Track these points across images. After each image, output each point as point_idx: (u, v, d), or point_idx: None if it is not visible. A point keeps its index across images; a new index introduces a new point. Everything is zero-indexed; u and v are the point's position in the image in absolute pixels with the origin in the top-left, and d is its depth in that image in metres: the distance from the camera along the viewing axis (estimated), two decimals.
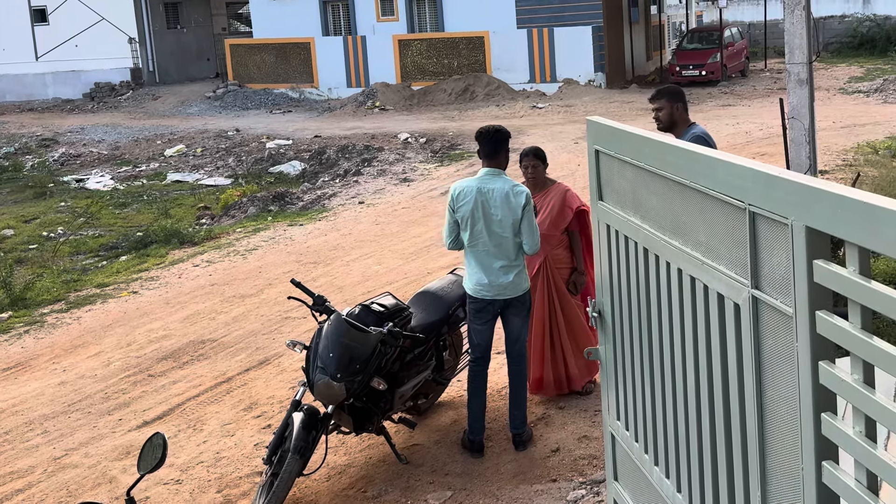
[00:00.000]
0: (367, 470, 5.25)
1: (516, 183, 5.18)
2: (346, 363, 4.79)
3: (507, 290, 5.13)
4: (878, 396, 1.83)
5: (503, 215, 5.02)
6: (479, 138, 5.23)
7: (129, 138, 21.70)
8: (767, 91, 22.54)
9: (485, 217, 5.04)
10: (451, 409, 5.87)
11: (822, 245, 2.01)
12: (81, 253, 12.25)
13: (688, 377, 2.76)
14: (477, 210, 5.04)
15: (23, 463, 5.79)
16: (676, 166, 2.63)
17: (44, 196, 16.64)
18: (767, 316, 2.26)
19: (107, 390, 6.88)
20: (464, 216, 5.06)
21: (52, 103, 28.77)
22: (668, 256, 2.78)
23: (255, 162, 18.07)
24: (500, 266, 5.09)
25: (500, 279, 5.09)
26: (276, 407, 6.20)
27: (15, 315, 9.10)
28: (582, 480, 4.93)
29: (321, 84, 26.91)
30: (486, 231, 5.05)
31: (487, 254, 5.08)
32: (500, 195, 5.03)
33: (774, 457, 2.31)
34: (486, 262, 5.09)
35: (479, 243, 5.09)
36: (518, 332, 5.26)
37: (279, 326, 7.95)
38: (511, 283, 5.11)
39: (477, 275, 5.13)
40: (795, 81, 6.33)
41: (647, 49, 29.05)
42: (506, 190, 5.05)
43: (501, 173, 5.15)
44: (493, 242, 5.06)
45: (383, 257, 10.08)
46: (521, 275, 5.18)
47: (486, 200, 5.03)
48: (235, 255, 10.83)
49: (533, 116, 21.06)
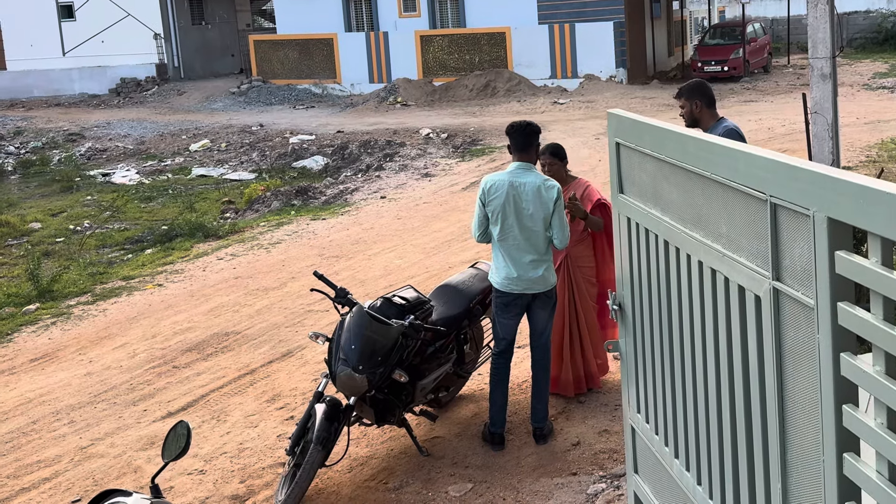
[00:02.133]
0: (388, 462, 5.29)
1: (547, 177, 5.22)
2: (367, 355, 4.83)
3: (536, 285, 5.15)
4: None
5: (534, 209, 5.05)
6: (510, 132, 5.24)
7: (155, 133, 21.90)
8: (790, 87, 22.35)
9: (516, 211, 5.06)
10: (472, 403, 5.89)
11: (843, 236, 2.01)
12: (107, 246, 12.39)
13: (708, 370, 2.76)
14: (508, 204, 5.05)
15: (50, 452, 5.87)
16: (697, 158, 2.64)
17: (70, 190, 16.83)
18: (788, 308, 2.26)
19: (132, 381, 6.97)
20: (495, 210, 5.08)
21: (79, 98, 29.08)
22: (689, 249, 2.78)
23: (278, 157, 18.18)
24: (530, 260, 5.11)
25: (530, 273, 5.11)
26: (299, 399, 6.25)
27: (42, 307, 9.22)
28: (602, 474, 4.93)
29: (344, 80, 27.00)
30: (517, 225, 5.07)
31: (518, 248, 5.10)
32: (532, 189, 5.06)
33: (795, 449, 2.31)
34: (516, 256, 5.11)
35: (509, 237, 5.10)
36: (544, 326, 5.28)
37: (302, 319, 8.01)
38: (540, 277, 5.14)
39: (506, 269, 5.14)
40: (818, 76, 6.29)
41: (668, 45, 28.88)
42: (538, 184, 5.08)
43: (532, 167, 5.19)
44: (524, 236, 5.08)
45: (405, 251, 10.12)
46: (549, 269, 5.21)
47: (518, 194, 5.05)
48: (259, 249, 10.92)
49: (554, 112, 21.01)
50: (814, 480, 2.20)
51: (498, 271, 5.19)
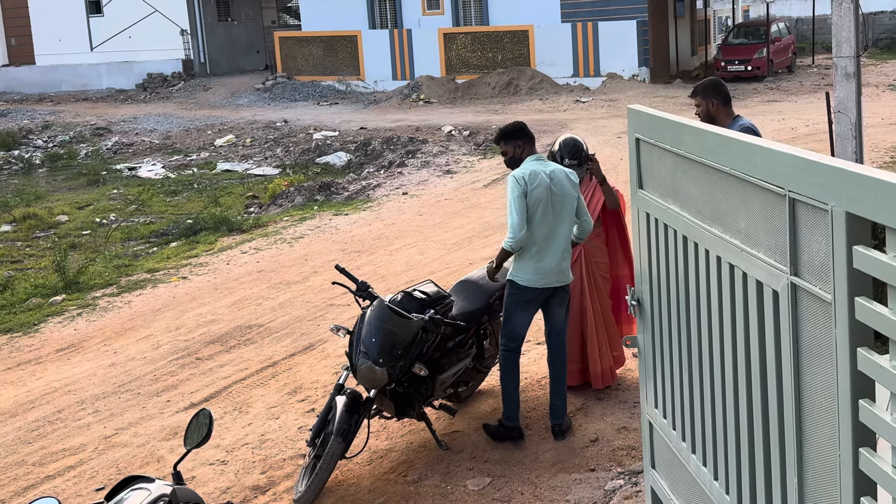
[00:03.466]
0: (407, 455, 5.33)
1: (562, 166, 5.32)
2: (388, 348, 4.87)
3: (563, 276, 5.21)
4: None
5: (566, 195, 5.11)
6: (514, 134, 5.25)
7: (181, 128, 22.09)
8: (814, 87, 22.16)
9: (552, 200, 5.09)
10: (491, 398, 5.92)
11: (862, 231, 2.01)
12: (133, 239, 12.54)
13: (726, 365, 2.77)
14: (547, 193, 5.08)
15: (75, 441, 5.97)
16: (716, 153, 2.65)
17: (97, 183, 17.03)
18: (806, 303, 2.27)
19: (156, 372, 7.06)
20: (538, 199, 5.05)
21: (106, 93, 29.37)
22: (708, 244, 2.79)
23: (302, 153, 18.29)
24: (562, 251, 5.16)
25: (561, 264, 5.17)
26: (320, 391, 6.31)
27: (68, 298, 9.35)
28: (620, 470, 4.94)
29: (367, 77, 27.09)
30: (552, 214, 5.10)
31: (551, 238, 5.11)
32: (561, 175, 5.14)
33: (811, 444, 2.32)
34: (548, 248, 5.12)
35: (543, 228, 5.10)
36: (562, 323, 5.31)
37: (324, 313, 8.07)
38: (566, 268, 5.22)
39: (537, 262, 5.12)
40: (842, 75, 6.25)
41: (692, 44, 28.72)
42: (563, 170, 5.19)
43: (545, 158, 5.29)
44: (557, 226, 5.11)
45: (426, 247, 10.16)
46: (569, 261, 5.27)
47: (553, 182, 5.10)
48: (282, 243, 11.00)
49: (576, 111, 20.96)
50: (830, 475, 2.21)
51: (525, 267, 5.14)
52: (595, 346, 5.73)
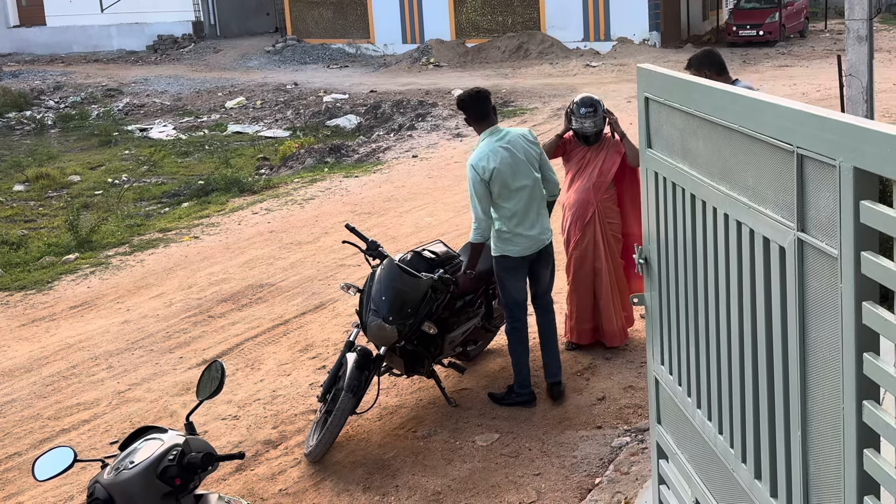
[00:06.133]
0: (417, 411, 5.41)
1: (518, 127, 5.36)
2: (398, 307, 4.92)
3: (544, 236, 5.22)
4: None
5: (529, 156, 5.12)
6: (464, 105, 5.17)
7: (191, 90, 22.05)
8: (826, 52, 21.91)
9: (516, 169, 5.06)
10: (500, 357, 5.98)
11: (869, 186, 2.03)
12: (145, 199, 12.60)
13: (732, 321, 2.80)
14: (513, 165, 5.05)
15: (89, 395, 6.07)
16: (725, 111, 2.65)
17: (109, 144, 17.06)
18: (812, 258, 2.29)
19: (168, 329, 7.14)
20: (501, 176, 5.01)
21: (117, 55, 29.29)
22: (716, 202, 2.81)
23: (312, 115, 18.26)
24: (537, 214, 5.17)
25: (539, 228, 5.17)
26: (331, 349, 6.39)
27: (82, 256, 9.44)
28: (626, 428, 5.01)
29: (377, 40, 26.92)
30: (525, 182, 5.08)
31: (530, 201, 5.12)
32: (517, 139, 5.12)
33: (816, 398, 2.35)
34: (526, 216, 5.12)
35: (518, 198, 5.09)
36: (547, 284, 5.36)
37: (334, 273, 8.13)
38: (545, 229, 5.23)
39: (519, 235, 5.13)
40: (854, 38, 6.20)
41: (703, 8, 28.38)
42: (517, 133, 5.17)
43: (500, 127, 5.19)
44: (528, 191, 5.10)
45: (435, 209, 10.18)
46: (546, 218, 5.29)
47: (513, 152, 5.07)
48: (293, 204, 11.04)
49: (586, 75, 20.82)
50: (833, 429, 2.24)
51: (514, 239, 5.14)
52: (609, 305, 5.79)
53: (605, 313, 5.82)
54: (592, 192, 5.72)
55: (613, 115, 5.79)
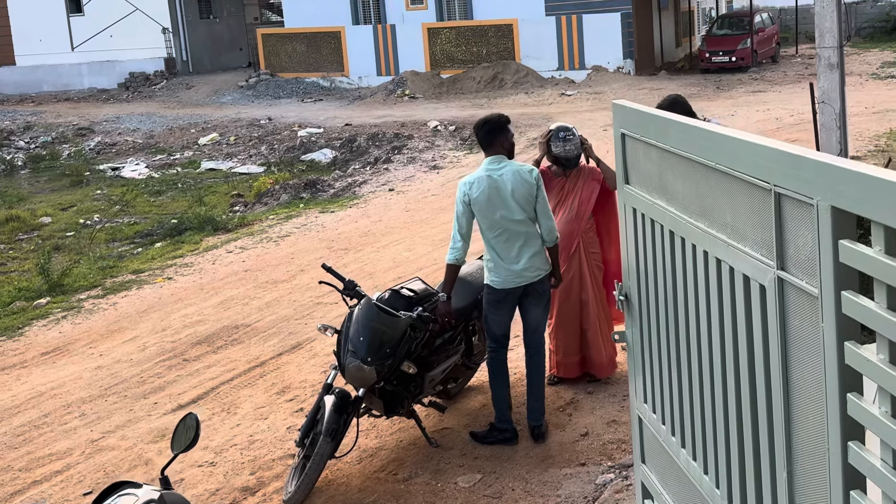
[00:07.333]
0: (397, 453, 5.32)
1: (523, 164, 5.22)
2: (376, 347, 4.85)
3: (529, 272, 5.11)
4: None
5: (517, 192, 5.01)
6: (474, 130, 5.28)
7: (164, 127, 21.96)
8: (798, 77, 22.25)
9: (502, 200, 5.02)
10: (481, 394, 5.91)
11: (847, 225, 2.01)
12: (117, 240, 12.46)
13: (714, 359, 2.77)
14: (493, 196, 5.01)
15: (61, 445, 5.92)
16: (701, 148, 2.64)
17: (80, 184, 16.91)
18: (793, 297, 2.26)
19: (142, 374, 7.01)
20: (481, 205, 5.02)
21: (88, 93, 29.16)
22: (694, 239, 2.79)
23: (286, 150, 18.22)
24: (520, 249, 5.07)
25: (524, 264, 5.08)
26: (309, 391, 6.29)
27: (53, 301, 9.28)
28: (611, 464, 4.95)
29: (351, 72, 26.99)
30: (505, 215, 5.03)
31: (508, 238, 5.07)
32: (510, 174, 5.05)
33: (800, 438, 2.32)
34: (508, 247, 5.08)
35: (498, 230, 5.06)
36: (538, 323, 5.27)
37: (311, 312, 8.04)
38: (532, 265, 5.11)
39: (500, 265, 5.09)
40: (826, 66, 6.27)
41: (676, 35, 28.77)
42: (515, 168, 5.09)
43: (504, 158, 5.15)
44: (513, 225, 5.04)
45: (413, 244, 10.14)
46: (540, 256, 5.16)
47: (498, 184, 5.02)
48: (268, 242, 10.95)
49: (562, 104, 20.97)
50: (819, 469, 2.21)
51: (496, 270, 5.13)
52: (598, 336, 5.76)
53: (594, 345, 5.78)
54: (575, 223, 5.71)
55: (587, 141, 5.81)
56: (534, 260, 5.12)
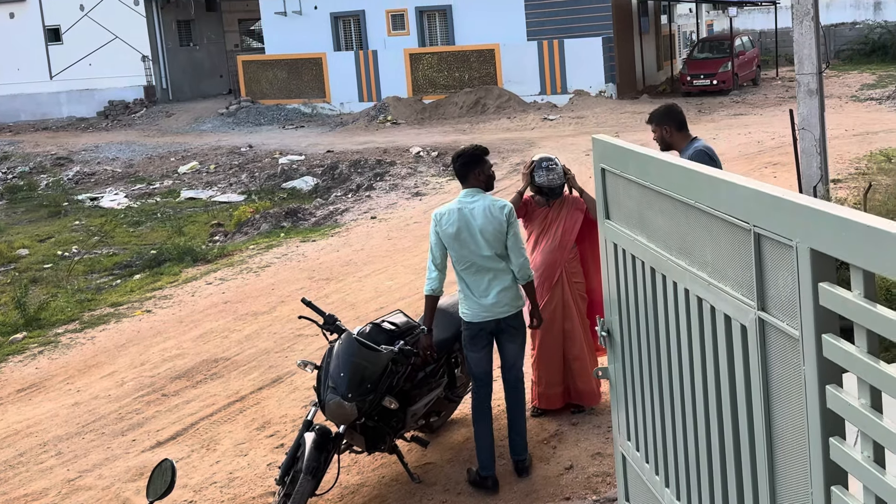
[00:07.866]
0: (379, 489, 5.24)
1: (497, 198, 5.15)
2: (357, 383, 4.78)
3: (500, 308, 5.02)
4: (886, 422, 1.80)
5: (486, 228, 4.94)
6: (451, 163, 5.28)
7: (143, 156, 21.85)
8: (779, 99, 22.48)
9: (470, 235, 4.97)
10: (464, 427, 5.85)
11: (827, 267, 1.99)
12: (96, 272, 12.32)
13: (697, 398, 2.74)
14: (462, 230, 4.96)
15: (37, 485, 5.80)
16: (681, 186, 2.62)
17: (58, 215, 16.77)
18: (774, 338, 2.24)
19: (120, 410, 6.90)
20: (450, 237, 4.97)
21: (67, 122, 29.02)
22: (675, 276, 2.76)
23: (267, 178, 18.15)
24: (489, 282, 5.00)
25: (493, 298, 5.00)
26: (289, 426, 6.20)
27: (29, 336, 9.14)
28: (595, 498, 4.89)
29: (333, 99, 27.03)
30: (474, 249, 4.97)
31: (478, 272, 5.01)
32: (481, 209, 4.99)
33: (784, 480, 2.29)
34: (477, 281, 5.02)
35: (466, 263, 5.00)
36: (514, 358, 5.19)
37: (292, 344, 7.96)
38: (503, 300, 5.02)
39: (470, 298, 5.05)
40: (805, 92, 6.31)
41: (657, 59, 29.06)
42: (486, 204, 5.01)
43: (479, 191, 5.08)
44: (482, 260, 4.98)
45: (396, 273, 10.08)
46: (512, 291, 5.06)
47: (468, 219, 4.97)
48: (248, 273, 10.86)
49: (544, 128, 21.06)
50: None
51: (466, 302, 5.08)
52: (585, 366, 5.72)
53: (581, 374, 5.74)
54: (558, 252, 5.69)
55: (570, 171, 5.80)
56: (502, 295, 5.03)
